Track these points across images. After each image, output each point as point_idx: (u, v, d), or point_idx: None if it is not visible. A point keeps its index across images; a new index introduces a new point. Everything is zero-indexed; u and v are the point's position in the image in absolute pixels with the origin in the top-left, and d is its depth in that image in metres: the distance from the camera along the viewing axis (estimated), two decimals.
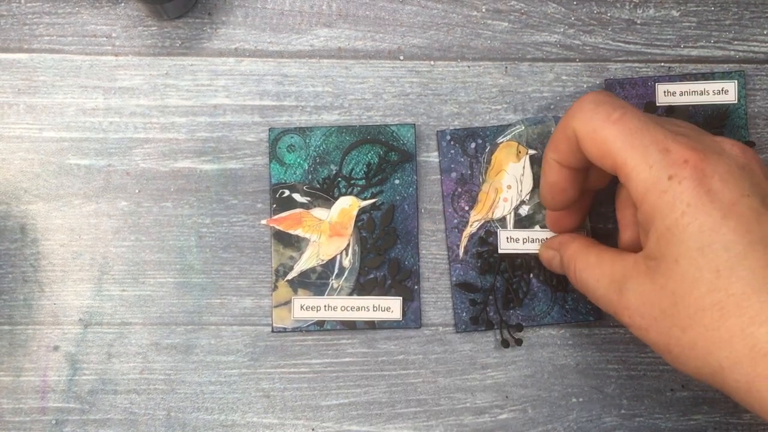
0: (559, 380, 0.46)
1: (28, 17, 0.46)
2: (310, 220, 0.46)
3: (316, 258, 0.46)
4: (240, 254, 0.46)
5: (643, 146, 0.35)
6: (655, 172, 0.34)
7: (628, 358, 0.46)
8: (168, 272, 0.46)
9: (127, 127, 0.46)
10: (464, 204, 0.46)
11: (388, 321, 0.46)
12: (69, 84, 0.46)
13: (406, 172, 0.46)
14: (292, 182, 0.46)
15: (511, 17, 0.47)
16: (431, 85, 0.47)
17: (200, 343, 0.46)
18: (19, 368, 0.45)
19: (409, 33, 0.47)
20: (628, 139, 0.35)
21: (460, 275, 0.46)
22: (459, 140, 0.46)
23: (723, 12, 0.48)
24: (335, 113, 0.47)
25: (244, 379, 0.46)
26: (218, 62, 0.47)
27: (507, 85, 0.47)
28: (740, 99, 0.47)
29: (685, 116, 0.46)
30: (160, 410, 0.46)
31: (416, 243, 0.46)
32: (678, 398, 0.46)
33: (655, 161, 0.34)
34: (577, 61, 0.47)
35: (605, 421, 0.46)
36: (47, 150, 0.46)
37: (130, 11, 0.47)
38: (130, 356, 0.46)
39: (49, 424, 0.45)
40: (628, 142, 0.35)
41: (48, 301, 0.46)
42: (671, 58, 0.47)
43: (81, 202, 0.46)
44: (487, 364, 0.46)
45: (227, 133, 0.46)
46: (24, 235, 0.46)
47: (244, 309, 0.46)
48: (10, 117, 0.46)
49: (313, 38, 0.47)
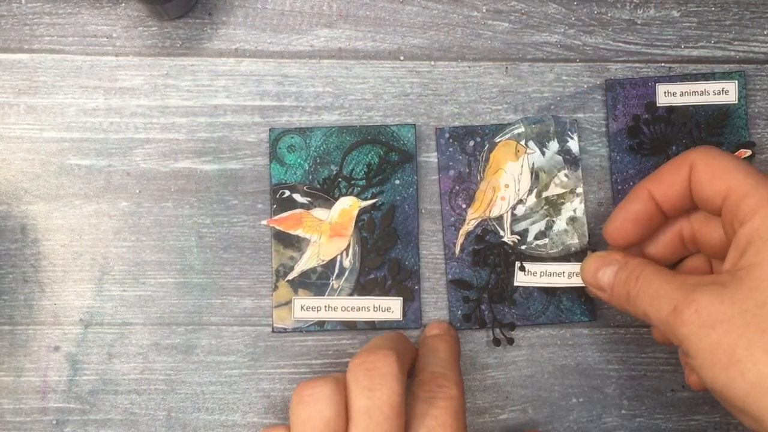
0: (559, 380, 0.46)
1: (28, 17, 0.46)
2: (310, 221, 0.46)
3: (316, 258, 0.46)
4: (240, 254, 0.46)
5: (759, 175, 0.36)
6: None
7: (628, 358, 0.46)
8: (168, 272, 0.46)
9: (128, 127, 0.46)
10: (461, 202, 0.46)
11: (388, 321, 0.46)
12: (69, 84, 0.46)
13: (407, 173, 0.46)
14: (293, 182, 0.46)
15: (512, 17, 0.47)
16: (431, 86, 0.47)
17: (201, 344, 0.46)
18: (20, 368, 0.45)
19: (409, 33, 0.47)
20: (747, 168, 0.37)
21: (456, 273, 0.46)
22: (457, 138, 0.46)
23: (723, 12, 0.48)
24: (336, 113, 0.47)
25: (244, 379, 0.46)
26: (218, 62, 0.47)
27: (507, 85, 0.47)
28: (741, 99, 0.47)
29: (685, 116, 0.46)
30: (161, 410, 0.46)
31: (416, 243, 0.46)
32: (678, 398, 0.46)
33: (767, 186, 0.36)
34: (578, 62, 0.47)
35: (605, 422, 0.46)
36: (48, 150, 0.46)
37: (130, 11, 0.47)
38: (130, 356, 0.46)
39: (50, 424, 0.45)
40: (747, 170, 0.37)
41: (48, 301, 0.46)
42: (671, 59, 0.47)
43: (81, 203, 0.46)
44: (487, 364, 0.46)
45: (227, 134, 0.46)
46: (24, 235, 0.46)
47: (245, 309, 0.46)
48: (10, 117, 0.46)
49: (313, 38, 0.47)
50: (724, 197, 0.37)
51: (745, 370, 0.33)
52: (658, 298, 0.37)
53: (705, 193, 0.38)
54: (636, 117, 0.47)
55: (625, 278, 0.40)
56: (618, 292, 0.40)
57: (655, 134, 0.47)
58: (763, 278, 0.34)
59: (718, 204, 0.38)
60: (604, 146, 0.47)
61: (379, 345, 0.39)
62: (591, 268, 0.42)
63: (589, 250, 0.46)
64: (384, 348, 0.38)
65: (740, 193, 0.36)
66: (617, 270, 0.41)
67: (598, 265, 0.42)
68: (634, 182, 0.46)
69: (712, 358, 0.34)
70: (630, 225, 0.41)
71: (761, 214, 0.35)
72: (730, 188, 0.37)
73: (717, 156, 0.38)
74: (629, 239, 0.41)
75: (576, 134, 0.46)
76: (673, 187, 0.40)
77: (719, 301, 0.34)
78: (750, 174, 0.37)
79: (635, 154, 0.47)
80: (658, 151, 0.47)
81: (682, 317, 0.35)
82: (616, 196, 0.47)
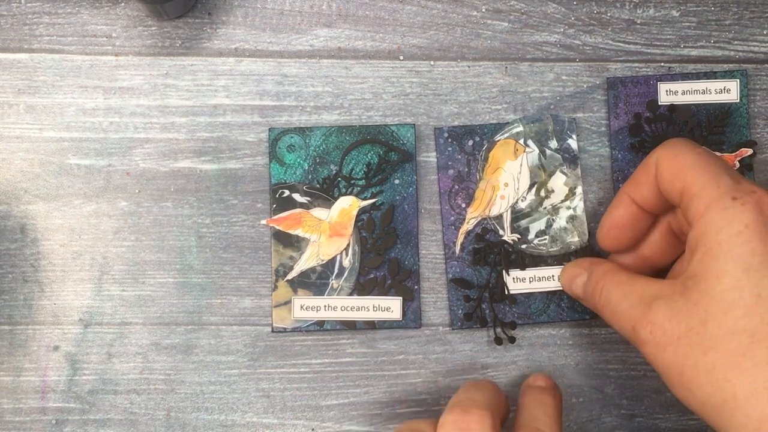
0: (559, 380, 0.46)
1: (28, 17, 0.46)
2: (310, 220, 0.46)
3: (316, 258, 0.46)
4: (240, 254, 0.46)
5: (717, 172, 0.35)
6: (722, 192, 0.34)
7: (628, 358, 0.46)
8: (168, 272, 0.46)
9: (127, 127, 0.46)
10: (461, 201, 0.46)
11: (388, 321, 0.46)
12: (69, 84, 0.46)
13: (406, 172, 0.46)
14: (292, 182, 0.46)
15: (511, 17, 0.47)
16: (431, 85, 0.47)
17: (200, 343, 0.46)
18: (19, 368, 0.45)
19: (409, 33, 0.47)
20: (704, 165, 0.36)
21: (456, 272, 0.46)
22: (456, 137, 0.46)
23: (723, 12, 0.48)
24: (335, 113, 0.47)
25: (244, 379, 0.46)
26: (218, 62, 0.47)
27: (507, 85, 0.47)
28: (742, 98, 0.47)
29: (687, 115, 0.46)
30: (160, 410, 0.46)
31: (416, 243, 0.46)
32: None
33: (724, 184, 0.35)
34: (577, 61, 0.47)
35: (605, 421, 0.46)
36: (47, 150, 0.46)
37: (130, 11, 0.47)
38: (130, 356, 0.46)
39: (49, 424, 0.45)
40: (704, 167, 0.36)
41: (48, 301, 0.46)
42: (671, 58, 0.47)
43: (81, 202, 0.46)
44: (487, 364, 0.46)
45: (227, 133, 0.46)
46: (24, 235, 0.46)
47: (244, 309, 0.46)
48: (10, 117, 0.46)
49: (313, 38, 0.47)
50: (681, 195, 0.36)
51: (694, 389, 0.33)
52: (618, 316, 0.37)
53: (667, 192, 0.37)
54: (637, 115, 0.47)
55: (592, 290, 0.40)
56: (588, 302, 0.41)
57: (657, 133, 0.47)
58: (705, 291, 0.33)
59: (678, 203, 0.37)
60: (603, 146, 0.47)
61: (474, 401, 0.37)
62: (565, 278, 0.43)
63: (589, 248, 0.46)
64: (480, 408, 0.36)
65: (692, 193, 0.35)
66: (585, 280, 0.41)
67: (571, 273, 0.43)
68: None
69: (667, 376, 0.35)
70: (617, 231, 0.41)
71: (707, 218, 0.34)
72: (685, 187, 0.36)
73: (679, 152, 0.37)
74: (620, 244, 0.41)
75: (575, 133, 0.46)
76: (647, 187, 0.39)
77: (668, 319, 0.34)
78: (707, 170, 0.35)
79: (636, 152, 0.47)
80: None
81: (640, 337, 0.36)
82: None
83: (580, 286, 0.42)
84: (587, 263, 0.42)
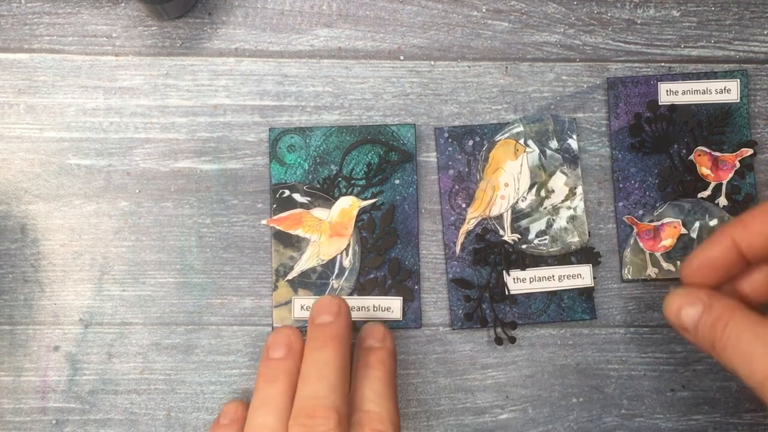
0: (559, 380, 0.46)
1: (28, 17, 0.46)
2: (310, 220, 0.46)
3: (316, 258, 0.46)
4: (240, 254, 0.46)
5: None
6: None
7: (628, 358, 0.46)
8: (168, 272, 0.46)
9: (128, 127, 0.46)
10: (461, 201, 0.46)
11: (388, 321, 0.46)
12: (69, 84, 0.46)
13: (407, 172, 0.46)
14: (293, 182, 0.46)
15: (512, 17, 0.47)
16: (431, 85, 0.47)
17: (200, 343, 0.46)
18: (20, 368, 0.45)
19: (409, 33, 0.47)
20: None
21: (457, 272, 0.46)
22: (456, 138, 0.46)
23: (723, 12, 0.48)
24: (335, 113, 0.47)
25: (244, 379, 0.46)
26: (218, 62, 0.47)
27: (507, 85, 0.47)
28: (743, 98, 0.47)
29: (687, 115, 0.46)
30: (161, 410, 0.46)
31: (416, 243, 0.46)
32: (678, 398, 0.46)
33: None
34: (578, 61, 0.47)
35: (605, 421, 0.46)
36: (48, 150, 0.46)
37: (130, 11, 0.47)
38: (130, 356, 0.46)
39: (50, 424, 0.45)
40: None
41: (48, 301, 0.46)
42: (671, 58, 0.47)
43: (81, 202, 0.46)
44: (488, 364, 0.46)
45: (227, 133, 0.46)
46: (24, 235, 0.46)
47: (245, 309, 0.46)
48: (10, 117, 0.46)
49: (313, 38, 0.47)
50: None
51: None
52: (749, 360, 0.34)
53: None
54: (638, 115, 0.47)
55: (711, 324, 0.37)
56: (703, 337, 0.37)
57: (657, 132, 0.47)
58: None
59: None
60: (603, 146, 0.47)
61: (320, 398, 0.37)
62: (673, 307, 0.39)
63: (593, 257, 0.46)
64: (326, 407, 0.37)
65: None
66: (702, 312, 0.38)
67: (681, 302, 0.39)
68: (635, 180, 0.46)
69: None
70: (708, 271, 0.39)
71: None
72: None
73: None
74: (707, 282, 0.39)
75: (575, 133, 0.46)
76: (759, 238, 0.37)
77: None
78: None
79: (636, 152, 0.47)
80: (659, 149, 0.46)
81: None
82: (617, 194, 0.47)
83: (691, 318, 0.38)
84: (704, 294, 0.38)
